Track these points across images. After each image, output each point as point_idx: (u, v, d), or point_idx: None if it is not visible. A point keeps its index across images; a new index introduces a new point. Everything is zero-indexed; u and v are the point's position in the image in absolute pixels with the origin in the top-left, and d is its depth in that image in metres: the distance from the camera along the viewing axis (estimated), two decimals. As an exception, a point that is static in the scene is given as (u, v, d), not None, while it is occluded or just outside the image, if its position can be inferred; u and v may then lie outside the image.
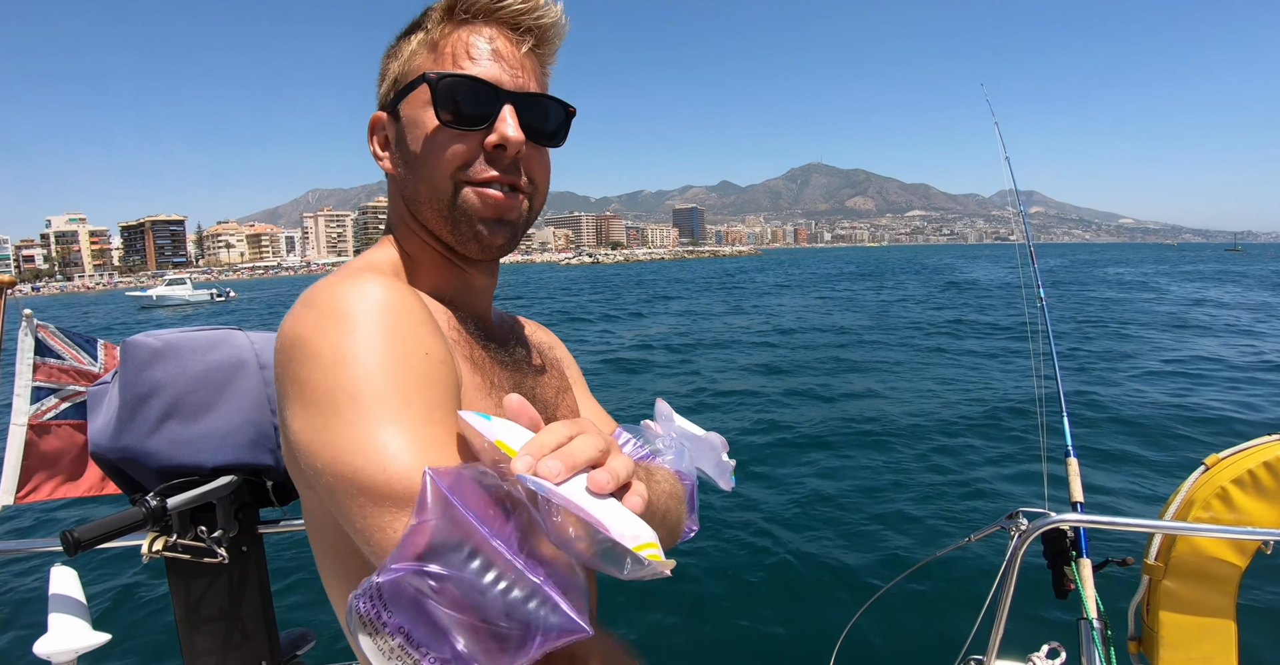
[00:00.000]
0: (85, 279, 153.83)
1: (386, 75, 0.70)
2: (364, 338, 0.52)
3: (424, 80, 0.64)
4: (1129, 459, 5.83)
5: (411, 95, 0.66)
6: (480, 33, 0.66)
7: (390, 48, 0.71)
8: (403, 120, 0.67)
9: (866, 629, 3.29)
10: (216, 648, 1.07)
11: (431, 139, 0.65)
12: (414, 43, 0.68)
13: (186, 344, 1.03)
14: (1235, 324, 15.02)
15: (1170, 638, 1.38)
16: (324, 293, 0.56)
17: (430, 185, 0.66)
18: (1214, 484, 1.38)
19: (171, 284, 50.67)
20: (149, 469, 0.99)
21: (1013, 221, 2.56)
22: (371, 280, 0.57)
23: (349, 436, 0.48)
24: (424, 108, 0.65)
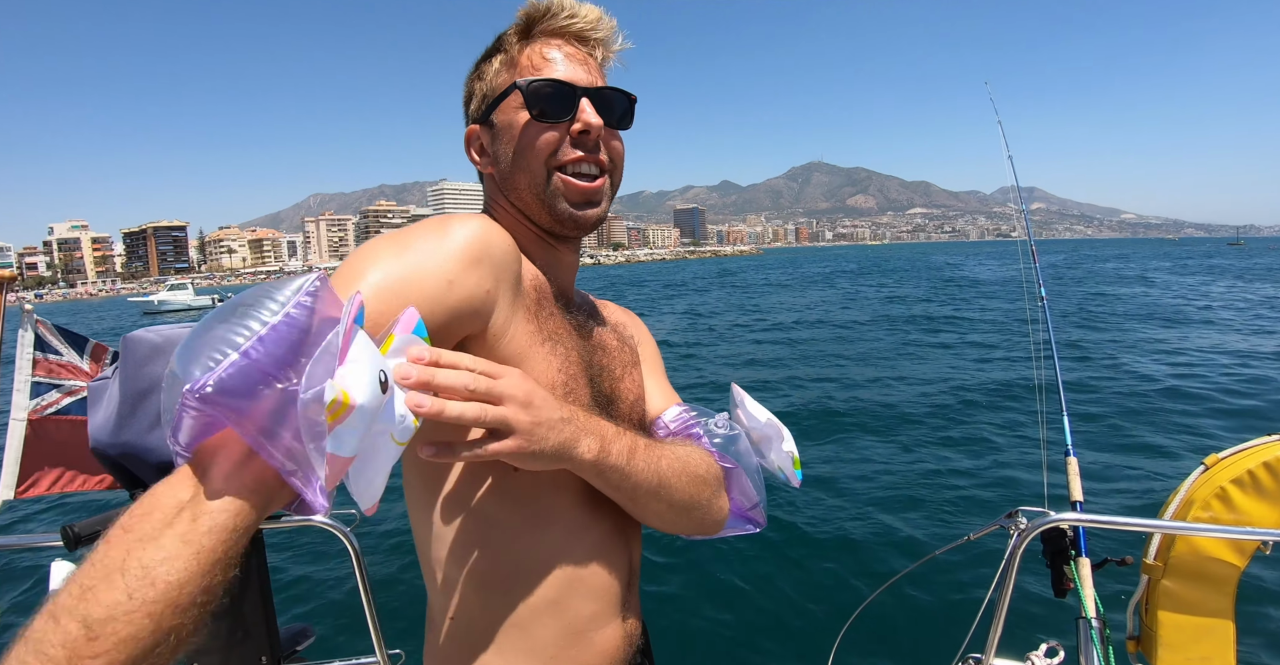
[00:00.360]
0: (88, 286, 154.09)
1: (474, 94, 0.83)
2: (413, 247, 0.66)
3: (515, 87, 0.77)
4: (1129, 459, 5.83)
5: (503, 103, 0.79)
6: (551, 45, 0.80)
7: (472, 73, 0.84)
8: (497, 126, 0.80)
9: (865, 627, 3.29)
10: (217, 643, 1.07)
11: (525, 134, 0.77)
12: (496, 64, 0.81)
13: (187, 339, 1.03)
14: (1234, 321, 15.01)
15: (1169, 637, 1.38)
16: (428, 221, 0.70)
17: (528, 173, 0.78)
18: (1213, 484, 1.38)
19: (173, 289, 51.02)
20: (149, 464, 0.99)
21: (1015, 219, 2.55)
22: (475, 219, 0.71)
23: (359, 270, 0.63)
24: (516, 111, 0.77)
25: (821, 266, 67.80)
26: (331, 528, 1.19)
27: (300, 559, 4.33)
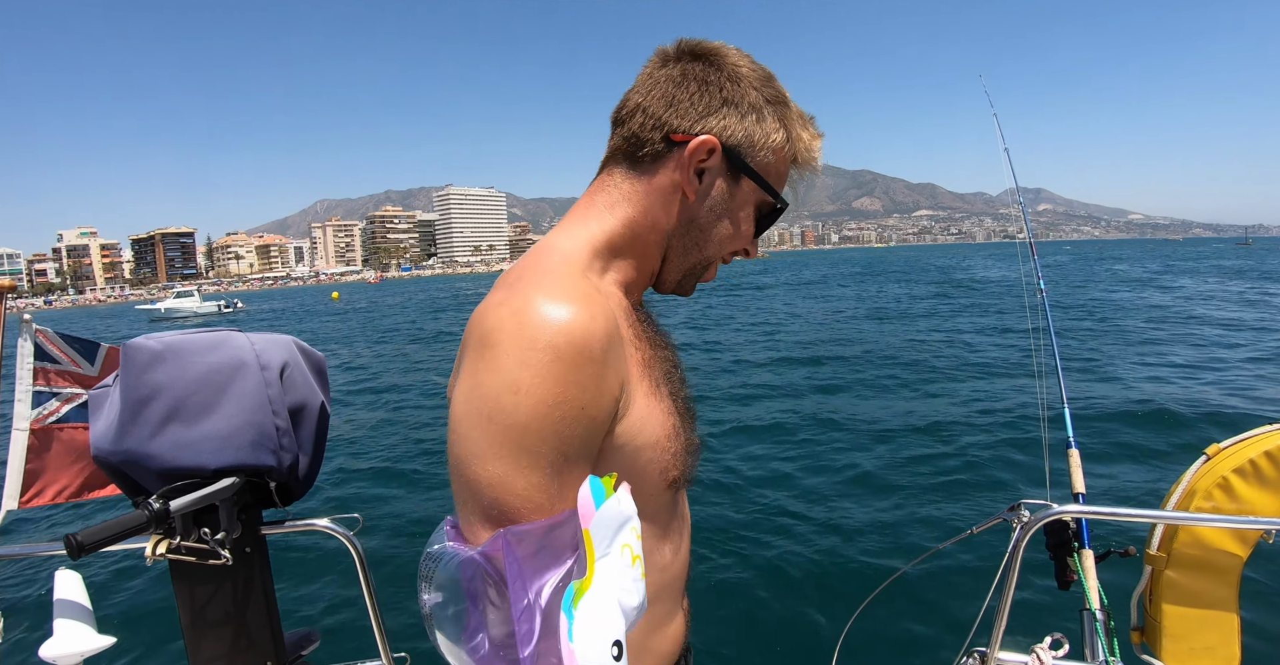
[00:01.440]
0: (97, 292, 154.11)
1: (737, 116, 0.75)
2: (541, 379, 0.59)
3: (778, 202, 0.80)
4: (1130, 450, 5.84)
5: (752, 184, 0.78)
6: (797, 177, 0.83)
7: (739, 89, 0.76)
8: (735, 190, 0.78)
9: (870, 621, 3.30)
10: (222, 649, 1.07)
11: (745, 227, 0.81)
12: (775, 134, 0.77)
13: (187, 346, 1.03)
14: (1237, 319, 15.02)
15: (1173, 628, 1.38)
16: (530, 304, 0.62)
17: (710, 251, 0.81)
18: (1215, 474, 1.38)
19: (180, 296, 51.01)
20: (151, 471, 0.99)
21: (1013, 211, 2.55)
22: (573, 303, 0.63)
23: (483, 447, 0.60)
24: (751, 203, 0.79)
25: (827, 269, 67.81)
26: (335, 532, 1.19)
27: (304, 563, 4.33)
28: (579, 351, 0.61)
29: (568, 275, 0.69)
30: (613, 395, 0.65)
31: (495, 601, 0.56)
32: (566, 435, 0.60)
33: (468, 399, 0.61)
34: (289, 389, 1.10)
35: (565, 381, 0.60)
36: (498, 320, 0.62)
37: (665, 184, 0.76)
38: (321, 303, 54.54)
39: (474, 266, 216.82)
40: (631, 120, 0.77)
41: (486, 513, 0.60)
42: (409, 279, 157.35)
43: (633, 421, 0.69)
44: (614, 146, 0.79)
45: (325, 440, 1.18)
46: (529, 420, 0.59)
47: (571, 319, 0.61)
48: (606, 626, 0.55)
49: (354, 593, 3.81)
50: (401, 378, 12.65)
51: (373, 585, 1.23)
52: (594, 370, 0.62)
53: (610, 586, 0.57)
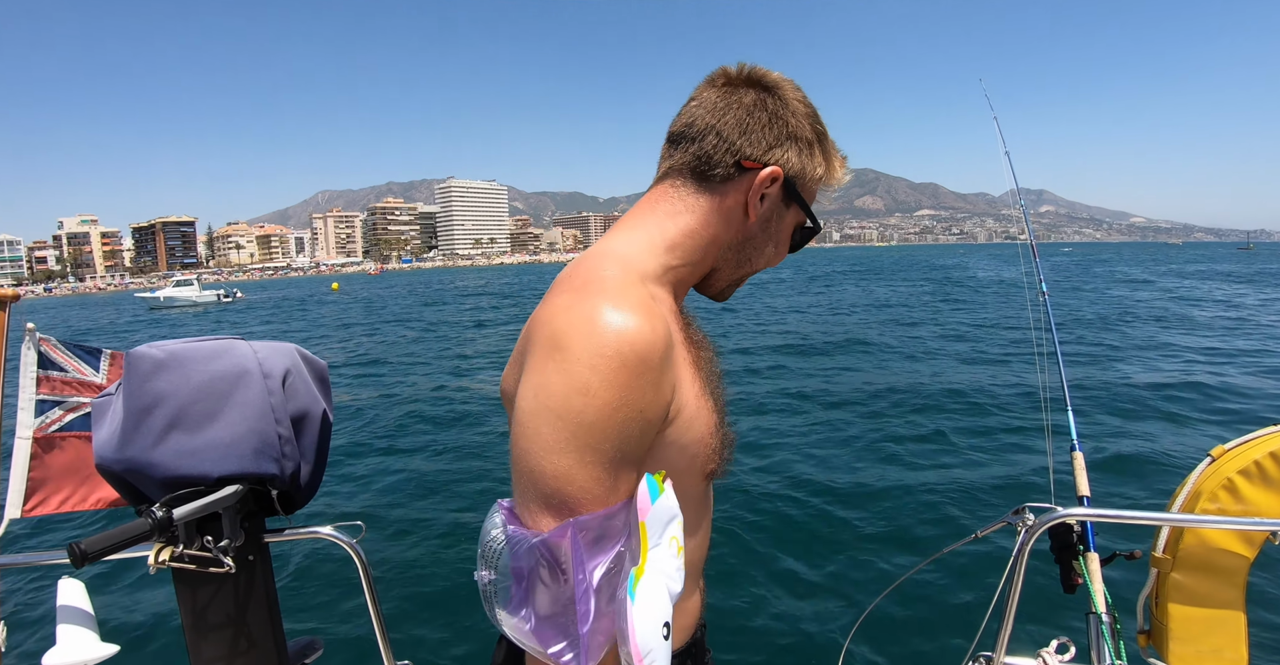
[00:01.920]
0: (97, 280, 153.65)
1: (795, 149, 0.83)
2: (608, 383, 0.64)
3: (815, 225, 0.89)
4: (1135, 452, 5.82)
5: (796, 209, 0.87)
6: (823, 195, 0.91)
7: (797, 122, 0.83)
8: (784, 213, 0.86)
9: (876, 625, 3.28)
10: (225, 657, 1.07)
11: (779, 244, 0.89)
12: (818, 167, 0.86)
13: (190, 354, 1.03)
14: (1241, 320, 14.98)
15: (1179, 630, 1.37)
16: (598, 312, 0.67)
17: (756, 263, 0.89)
18: (1220, 475, 1.38)
19: (179, 285, 50.76)
20: (154, 480, 0.99)
21: (1014, 212, 2.55)
22: (635, 313, 0.68)
23: (551, 441, 0.64)
24: (792, 222, 0.88)
25: (826, 267, 67.80)
26: (337, 539, 1.19)
27: (307, 571, 4.33)
28: (641, 360, 0.66)
29: (629, 283, 0.74)
30: (666, 399, 0.70)
31: (546, 582, 0.63)
32: (626, 435, 0.66)
33: (537, 396, 0.66)
34: (291, 397, 1.10)
35: (628, 387, 0.65)
36: (568, 325, 0.67)
37: (731, 204, 0.83)
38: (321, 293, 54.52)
39: (475, 259, 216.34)
40: (704, 140, 0.82)
41: (548, 501, 0.65)
42: (410, 271, 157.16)
43: (683, 421, 0.74)
44: (681, 162, 0.84)
45: (328, 448, 1.19)
46: (595, 420, 0.64)
47: (637, 329, 0.66)
48: (659, 610, 0.63)
49: (357, 601, 3.81)
50: (404, 378, 12.65)
51: (376, 593, 1.23)
52: (653, 377, 0.67)
53: (660, 574, 0.64)
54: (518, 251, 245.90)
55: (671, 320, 0.78)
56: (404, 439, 8.11)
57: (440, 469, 6.70)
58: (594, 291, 0.70)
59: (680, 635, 0.90)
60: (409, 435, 8.29)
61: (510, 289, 48.47)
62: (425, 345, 17.95)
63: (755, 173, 0.81)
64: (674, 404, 0.72)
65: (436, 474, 6.53)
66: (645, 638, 0.61)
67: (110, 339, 24.40)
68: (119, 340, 23.93)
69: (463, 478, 6.36)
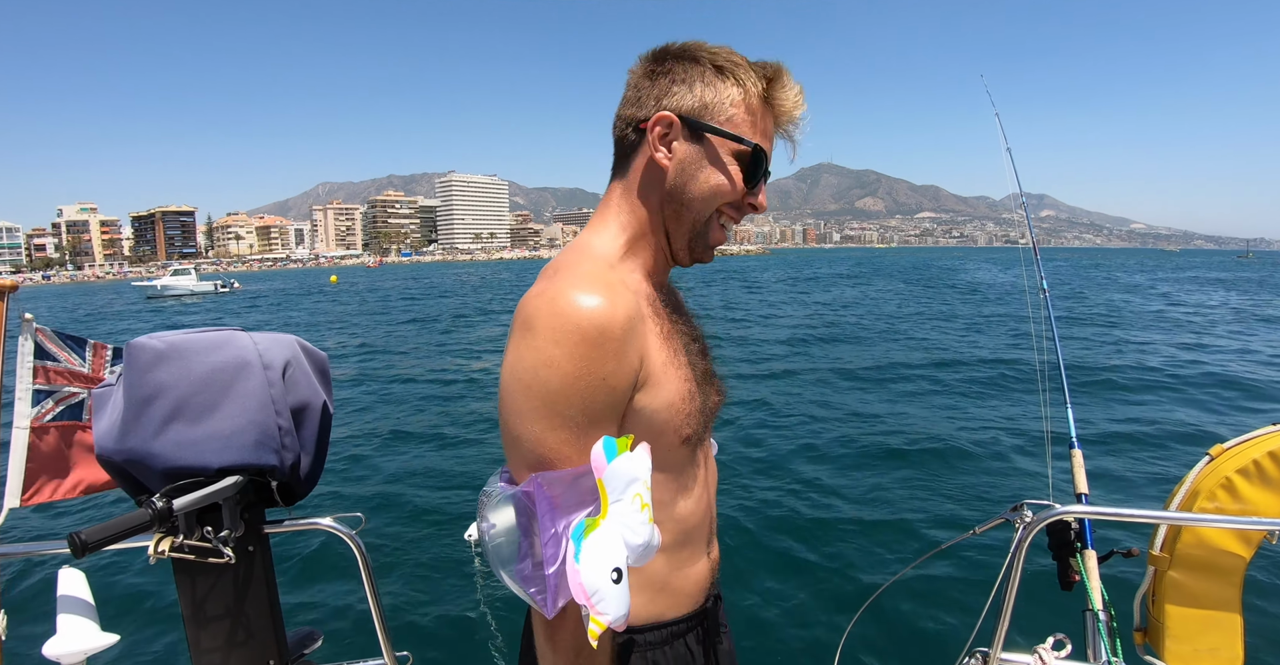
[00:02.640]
0: (95, 268, 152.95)
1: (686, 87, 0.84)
2: (570, 355, 0.72)
3: (751, 147, 0.85)
4: (1133, 450, 5.83)
5: (721, 139, 0.84)
6: (775, 125, 0.89)
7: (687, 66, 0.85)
8: (703, 148, 0.85)
9: (873, 621, 3.30)
10: (224, 647, 1.08)
11: (721, 178, 0.85)
12: (731, 91, 0.84)
13: (190, 346, 1.03)
14: (1239, 324, 15.00)
15: (1176, 628, 1.38)
16: (564, 294, 0.74)
17: (698, 208, 0.87)
18: (1219, 474, 1.38)
19: (176, 274, 50.68)
20: (154, 471, 0.99)
21: (1015, 216, 2.54)
22: (600, 293, 0.75)
23: (523, 409, 0.73)
24: (729, 157, 0.85)
25: (828, 268, 67.78)
26: (337, 531, 1.19)
27: (307, 562, 4.34)
28: (601, 332, 0.72)
29: (596, 269, 0.81)
30: (632, 367, 0.77)
31: (530, 532, 0.71)
32: (591, 401, 0.73)
33: (511, 371, 0.74)
34: (291, 388, 1.10)
35: (588, 357, 0.72)
36: (535, 308, 0.75)
37: (644, 165, 0.87)
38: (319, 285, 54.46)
39: (474, 254, 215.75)
40: (615, 129, 0.89)
41: (527, 461, 0.74)
42: (409, 264, 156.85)
43: (651, 388, 0.81)
44: (615, 158, 0.91)
45: (328, 439, 1.19)
46: (559, 388, 0.72)
47: (596, 305, 0.73)
48: (609, 555, 0.69)
49: (356, 592, 3.82)
50: (404, 372, 12.66)
51: (375, 584, 1.23)
52: (614, 347, 0.74)
53: (617, 525, 0.70)
54: (518, 247, 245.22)
55: (643, 299, 0.85)
56: (404, 431, 8.12)
57: (440, 460, 6.71)
58: (561, 277, 0.78)
59: (685, 601, 0.94)
60: (409, 427, 8.30)
61: (506, 285, 48.42)
62: (425, 337, 17.94)
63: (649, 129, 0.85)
64: (641, 372, 0.79)
65: (437, 465, 6.54)
66: (590, 578, 0.67)
67: (105, 327, 24.35)
68: (114, 328, 23.90)
69: (463, 469, 6.37)
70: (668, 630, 0.92)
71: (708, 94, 0.84)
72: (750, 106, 0.85)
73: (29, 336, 2.05)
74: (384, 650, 1.27)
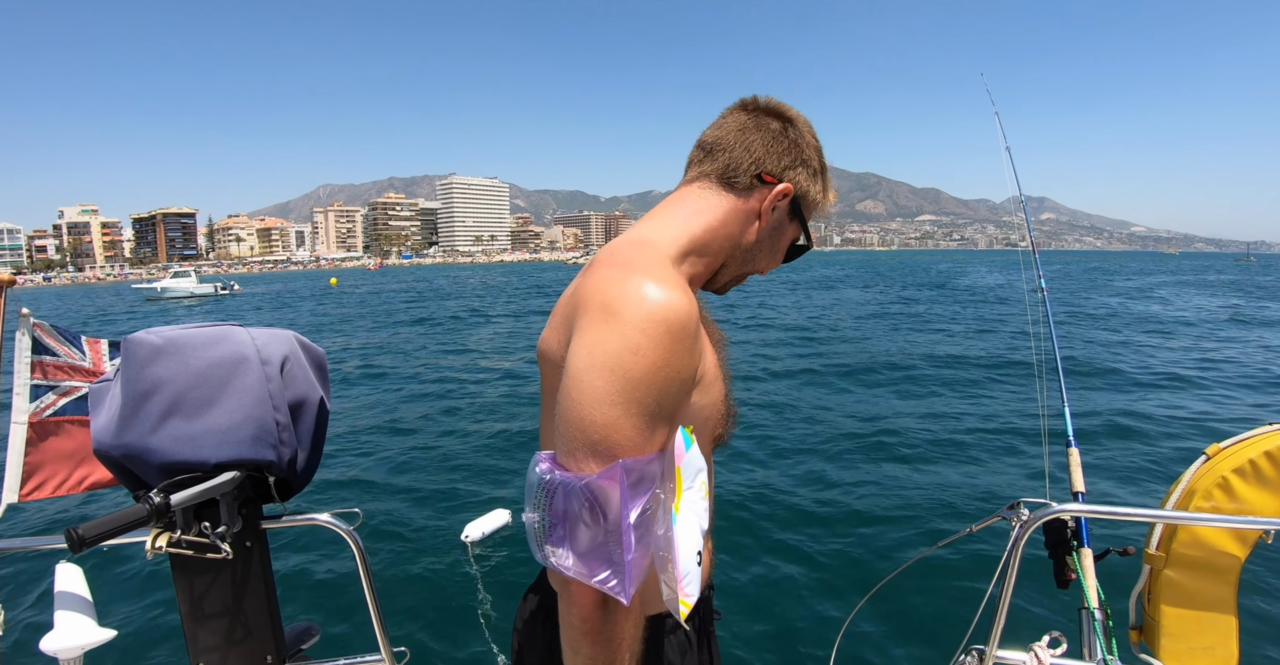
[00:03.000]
0: (96, 270, 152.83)
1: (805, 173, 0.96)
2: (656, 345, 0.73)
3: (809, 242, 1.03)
4: (1130, 449, 5.84)
5: (796, 225, 0.99)
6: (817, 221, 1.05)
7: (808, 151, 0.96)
8: (786, 225, 0.98)
9: (869, 620, 3.31)
10: (222, 643, 1.08)
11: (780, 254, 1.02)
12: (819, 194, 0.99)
13: (188, 341, 1.03)
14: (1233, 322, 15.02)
15: (1171, 627, 1.38)
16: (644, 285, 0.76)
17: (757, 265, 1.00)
18: (1215, 473, 1.38)
19: (176, 276, 50.80)
20: (152, 466, 0.99)
21: (1015, 218, 2.54)
22: (674, 288, 0.77)
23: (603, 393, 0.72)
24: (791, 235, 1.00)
25: (825, 271, 67.77)
26: (335, 526, 1.19)
27: (304, 558, 4.34)
28: (682, 327, 0.75)
29: (664, 263, 0.85)
30: (697, 363, 0.81)
31: (588, 521, 0.71)
32: (666, 392, 0.75)
33: (591, 353, 0.74)
34: (289, 384, 1.10)
35: (671, 350, 0.74)
36: (620, 294, 0.76)
37: (749, 209, 0.95)
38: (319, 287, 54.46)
39: (475, 256, 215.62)
40: (733, 152, 0.94)
41: (594, 448, 0.73)
42: (409, 266, 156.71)
43: (704, 386, 0.85)
44: (711, 168, 0.95)
45: (325, 435, 1.19)
46: (643, 376, 0.73)
47: (679, 300, 0.76)
48: (693, 540, 0.74)
49: (354, 587, 3.82)
50: (400, 369, 12.65)
51: (372, 580, 1.24)
52: (690, 343, 0.77)
53: (693, 512, 0.75)
54: (518, 249, 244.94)
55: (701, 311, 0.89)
56: (401, 427, 8.12)
57: (438, 457, 6.71)
58: (636, 268, 0.79)
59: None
60: (406, 424, 8.30)
61: (505, 286, 48.36)
62: (424, 337, 17.93)
63: (772, 185, 0.93)
64: (700, 369, 0.83)
65: (434, 462, 6.54)
66: (685, 562, 0.72)
67: (106, 329, 24.32)
68: (115, 330, 23.85)
69: (460, 466, 6.38)
70: (674, 619, 0.95)
71: (811, 187, 0.97)
72: (815, 210, 1.01)
73: (26, 331, 2.04)
74: (381, 645, 1.27)
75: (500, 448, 6.98)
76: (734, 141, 0.94)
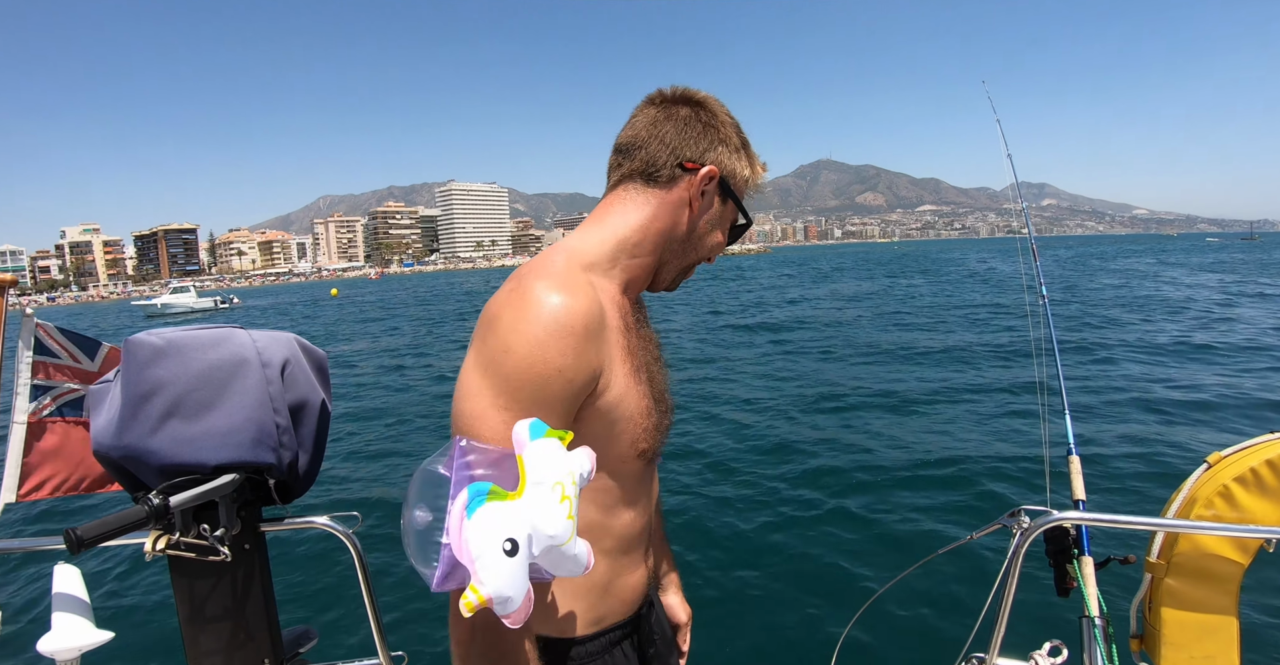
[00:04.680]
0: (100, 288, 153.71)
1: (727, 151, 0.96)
2: (527, 343, 0.75)
3: (747, 220, 1.02)
4: (1131, 457, 5.83)
5: (731, 206, 0.99)
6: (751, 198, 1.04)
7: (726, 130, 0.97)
8: (721, 210, 0.99)
9: (868, 628, 3.29)
10: (220, 645, 1.07)
11: (720, 237, 1.01)
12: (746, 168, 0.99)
13: (188, 342, 1.03)
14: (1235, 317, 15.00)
15: (1172, 636, 1.38)
16: (530, 290, 0.79)
17: (700, 254, 1.01)
18: (1216, 482, 1.38)
19: (176, 292, 51.25)
20: (151, 467, 0.99)
21: (1014, 220, 2.55)
22: (565, 292, 0.79)
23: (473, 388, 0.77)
24: (728, 220, 1.01)
25: (828, 264, 67.79)
26: (333, 529, 1.19)
27: (303, 561, 4.33)
28: (561, 326, 0.76)
29: (569, 270, 0.85)
30: (591, 367, 0.80)
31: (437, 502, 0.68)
32: (543, 390, 0.76)
33: (472, 357, 0.79)
34: (290, 386, 1.10)
35: (545, 346, 0.75)
36: (502, 303, 0.80)
37: (677, 199, 0.95)
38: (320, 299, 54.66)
39: (476, 262, 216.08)
40: (649, 147, 0.94)
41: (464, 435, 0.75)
42: (410, 275, 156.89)
43: (612, 396, 0.85)
44: (629, 169, 0.95)
45: (326, 438, 1.18)
46: (511, 373, 0.75)
47: (559, 301, 0.78)
48: (508, 524, 0.65)
49: (352, 591, 3.81)
50: (399, 374, 12.65)
51: (371, 583, 1.23)
52: (573, 342, 0.77)
53: (531, 506, 0.67)
54: (519, 253, 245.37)
55: (611, 308, 0.88)
56: (401, 430, 8.11)
57: (436, 462, 6.69)
58: (531, 276, 0.82)
59: (624, 607, 0.99)
60: (406, 427, 8.30)
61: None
62: (422, 341, 17.93)
63: (696, 171, 0.94)
64: (603, 378, 0.83)
65: (433, 467, 6.53)
66: (476, 539, 0.64)
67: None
68: (117, 344, 23.85)
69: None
70: (606, 638, 0.97)
71: (737, 165, 0.97)
72: (746, 187, 1.01)
73: (29, 331, 2.05)
74: (379, 649, 1.26)
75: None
76: (647, 136, 0.94)
